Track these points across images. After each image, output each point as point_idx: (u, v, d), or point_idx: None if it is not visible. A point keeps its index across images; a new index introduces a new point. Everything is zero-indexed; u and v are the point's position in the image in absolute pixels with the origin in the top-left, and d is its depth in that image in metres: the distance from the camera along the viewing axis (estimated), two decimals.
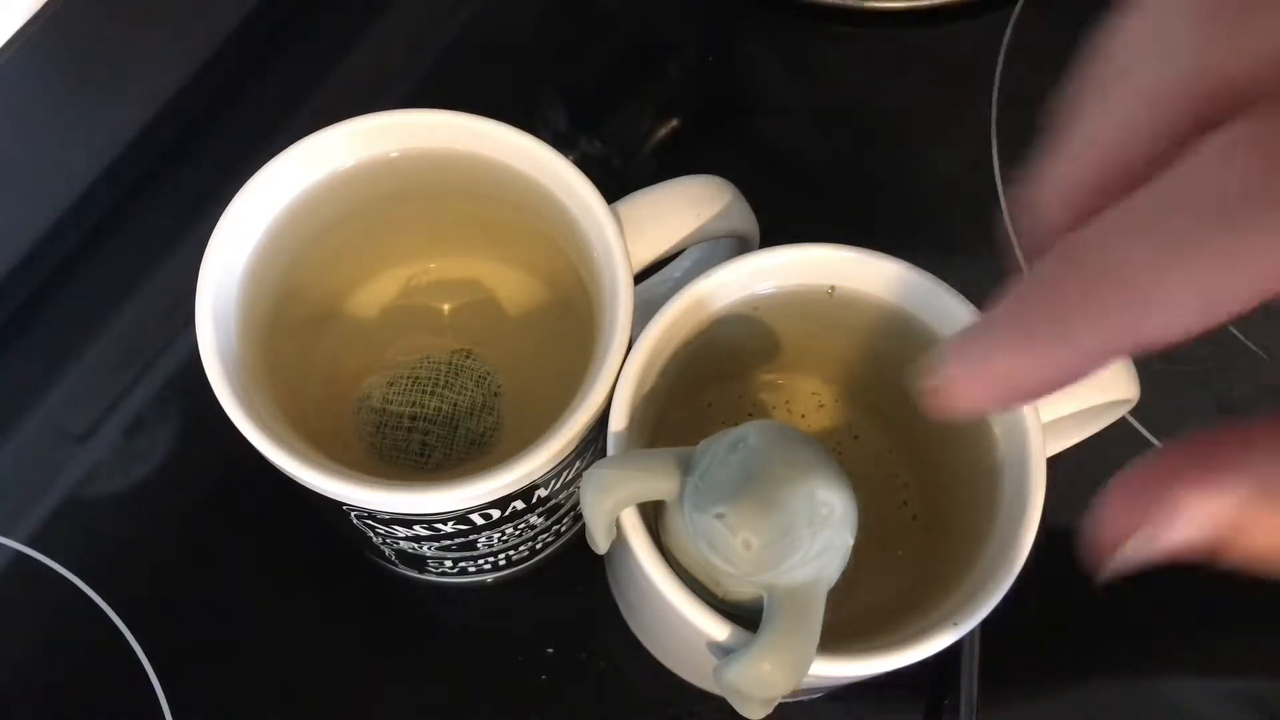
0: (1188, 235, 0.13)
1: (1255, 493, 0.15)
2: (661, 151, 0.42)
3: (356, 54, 0.43)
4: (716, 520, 0.21)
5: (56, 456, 0.36)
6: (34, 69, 0.36)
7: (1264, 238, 0.13)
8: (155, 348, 0.38)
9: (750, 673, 0.22)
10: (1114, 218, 0.14)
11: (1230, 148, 0.13)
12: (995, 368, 0.15)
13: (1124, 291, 0.14)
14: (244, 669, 0.34)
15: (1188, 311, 0.13)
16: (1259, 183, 0.13)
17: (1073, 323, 0.14)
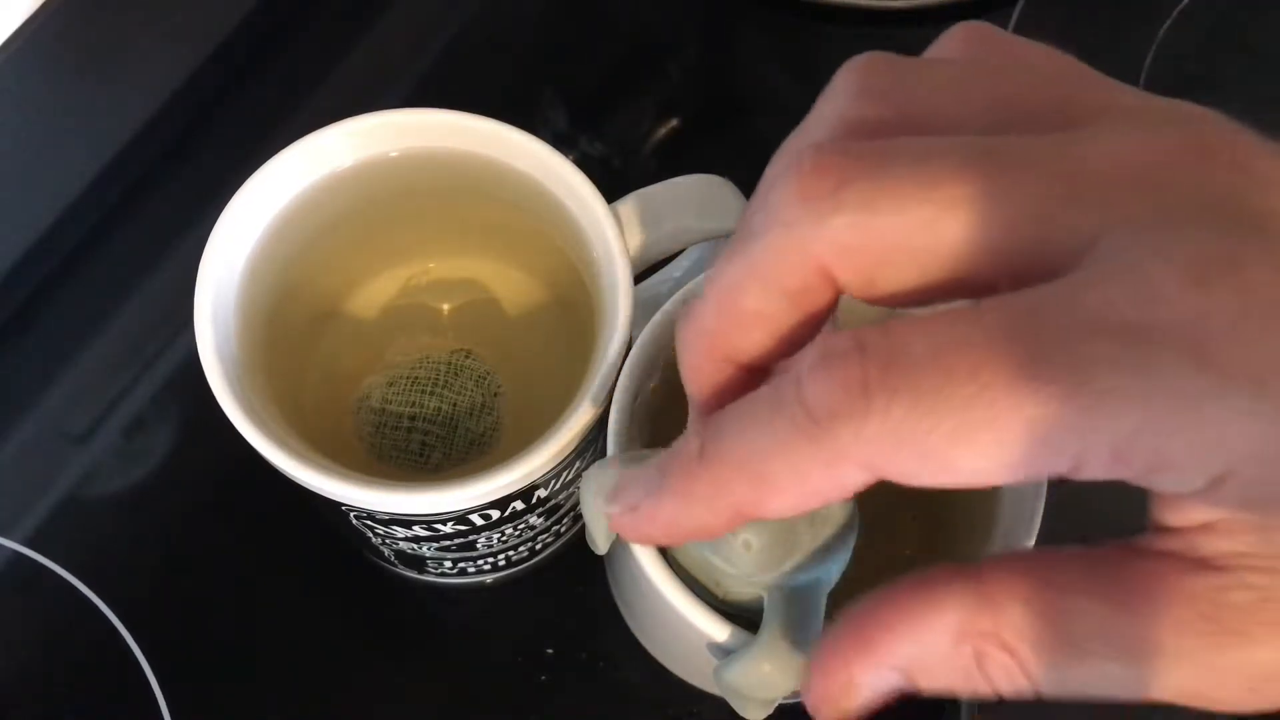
0: (786, 441, 0.16)
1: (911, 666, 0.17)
2: (661, 151, 0.42)
3: (356, 54, 0.43)
4: (743, 552, 0.21)
5: (56, 457, 0.36)
6: (34, 68, 0.36)
7: (839, 446, 0.16)
8: (154, 348, 0.37)
9: (751, 673, 0.22)
10: (743, 410, 0.17)
11: (826, 360, 0.16)
12: (657, 515, 0.18)
13: (742, 477, 0.17)
14: (242, 669, 0.34)
15: (793, 496, 0.17)
16: (838, 400, 0.15)
17: (711, 492, 0.17)
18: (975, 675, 0.17)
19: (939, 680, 0.17)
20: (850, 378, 0.15)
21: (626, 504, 0.19)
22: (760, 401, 0.17)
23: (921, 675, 0.17)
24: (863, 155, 0.17)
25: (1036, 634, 0.16)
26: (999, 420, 0.15)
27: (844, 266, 0.17)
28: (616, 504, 0.19)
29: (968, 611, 0.17)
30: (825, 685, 0.18)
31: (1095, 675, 0.16)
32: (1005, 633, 0.16)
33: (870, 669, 0.18)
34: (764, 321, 0.18)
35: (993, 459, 0.15)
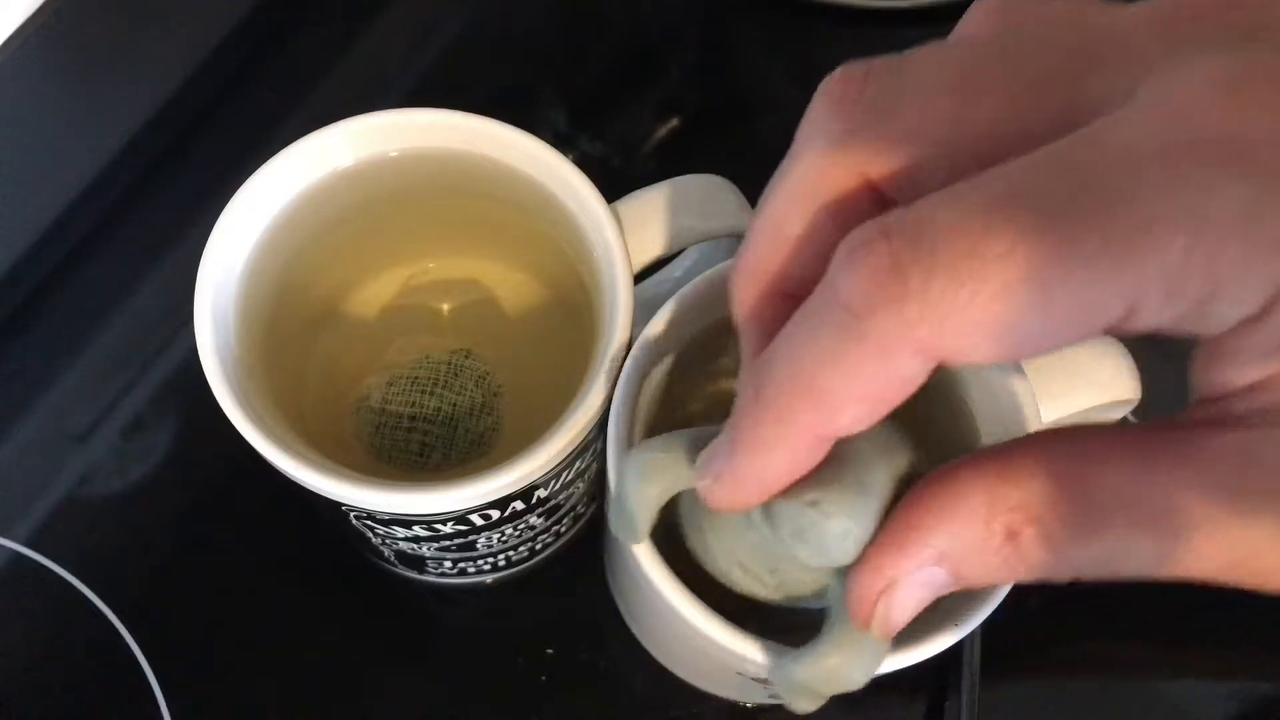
0: (834, 346, 0.16)
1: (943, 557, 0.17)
2: (661, 151, 0.42)
3: (356, 54, 0.43)
4: (809, 508, 0.19)
5: (55, 456, 0.36)
6: (33, 68, 0.36)
7: (886, 336, 0.15)
8: (154, 348, 0.37)
9: (819, 667, 0.21)
10: (787, 333, 0.17)
11: (852, 254, 0.15)
12: (740, 473, 0.18)
13: (803, 396, 0.16)
14: (242, 669, 0.34)
15: (856, 403, 0.16)
16: (874, 289, 0.15)
17: (780, 429, 0.17)
18: (1010, 556, 0.16)
19: (978, 568, 0.17)
20: (880, 264, 0.15)
21: (710, 475, 0.19)
22: (800, 320, 0.16)
23: (962, 565, 0.17)
24: (886, 66, 0.17)
25: (1062, 505, 0.16)
26: (1042, 272, 0.14)
27: (880, 167, 0.16)
28: (703, 478, 0.19)
29: (995, 490, 0.16)
30: (867, 588, 0.18)
31: (1122, 548, 0.16)
32: (1033, 506, 0.16)
33: (910, 565, 0.17)
34: (810, 244, 0.17)
35: (1043, 315, 0.14)
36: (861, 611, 0.19)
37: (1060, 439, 0.17)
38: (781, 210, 0.18)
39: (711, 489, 0.19)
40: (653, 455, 0.22)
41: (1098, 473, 0.16)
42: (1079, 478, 0.16)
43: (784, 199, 0.18)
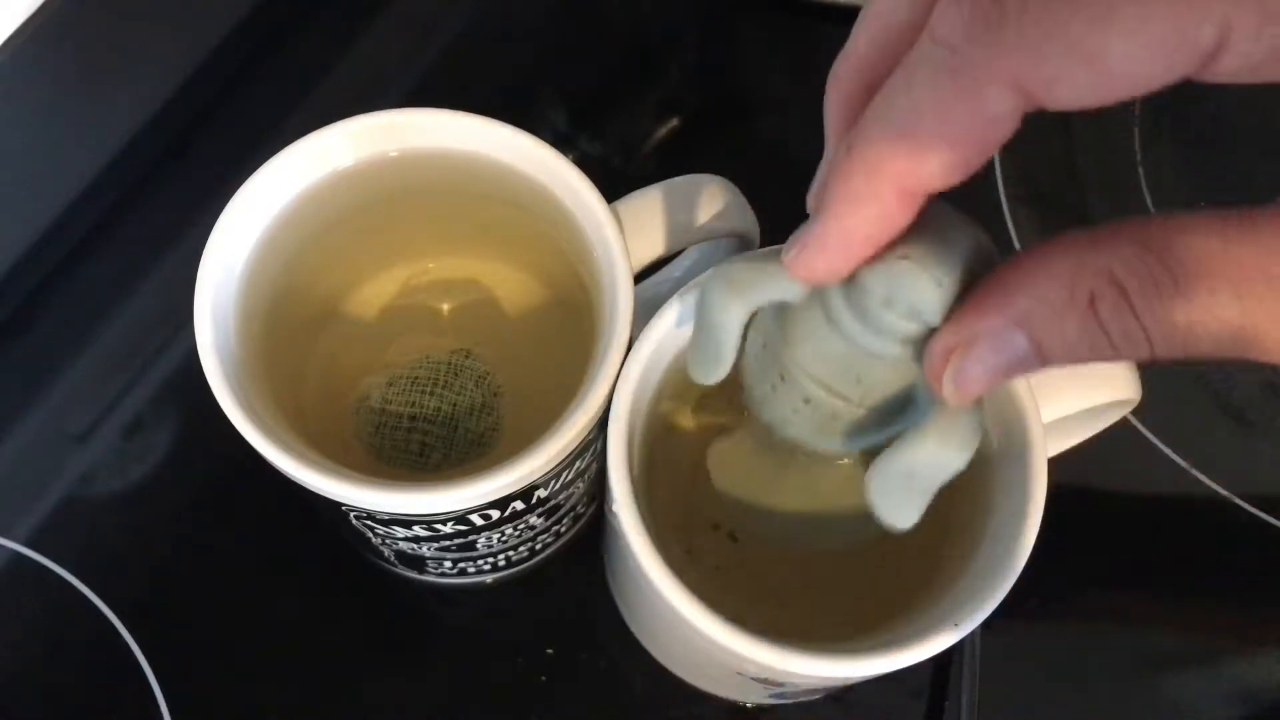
0: (925, 88, 0.16)
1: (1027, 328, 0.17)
2: (661, 151, 0.42)
3: (356, 54, 0.43)
4: (902, 260, 0.19)
5: (55, 457, 0.36)
6: (33, 68, 0.36)
7: (981, 66, 0.15)
8: (154, 348, 0.37)
9: (919, 452, 0.21)
10: (883, 90, 0.17)
11: (944, 3, 0.16)
12: (829, 235, 0.18)
13: (893, 146, 0.17)
14: (242, 669, 0.34)
15: (948, 144, 0.16)
16: (971, 24, 0.15)
17: (870, 182, 0.17)
18: (1090, 325, 0.16)
19: (1057, 336, 0.17)
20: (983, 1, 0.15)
21: (799, 245, 0.19)
22: (897, 73, 0.17)
23: (1042, 331, 0.17)
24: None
25: (1145, 269, 0.16)
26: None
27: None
28: (790, 249, 0.19)
29: (1082, 256, 0.16)
30: (944, 343, 0.18)
31: (1203, 313, 0.16)
32: (1116, 269, 0.16)
33: (989, 323, 0.17)
34: (917, 32, 0.17)
35: (1139, 39, 0.14)
36: (936, 366, 0.19)
37: (1145, 218, 0.17)
38: (887, 4, 0.18)
39: (799, 257, 0.19)
40: (738, 266, 0.22)
41: (1183, 241, 0.16)
42: (1164, 245, 0.16)
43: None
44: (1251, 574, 0.37)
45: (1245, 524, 0.37)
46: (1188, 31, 0.14)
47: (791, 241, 0.19)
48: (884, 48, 0.18)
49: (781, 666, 0.23)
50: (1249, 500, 0.37)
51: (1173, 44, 0.14)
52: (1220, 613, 0.36)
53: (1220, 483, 0.37)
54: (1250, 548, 0.37)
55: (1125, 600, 0.36)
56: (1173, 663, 0.35)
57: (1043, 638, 0.35)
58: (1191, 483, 0.37)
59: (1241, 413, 0.38)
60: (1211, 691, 0.35)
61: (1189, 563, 0.37)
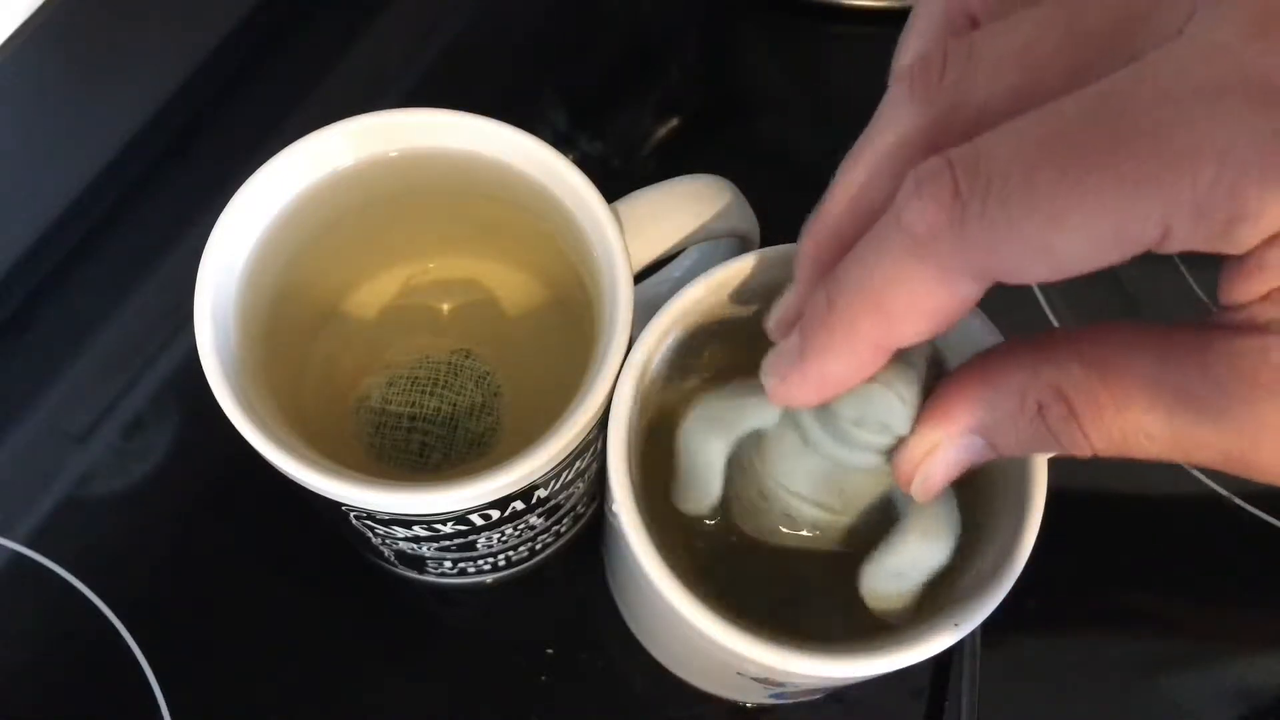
0: (898, 267, 0.18)
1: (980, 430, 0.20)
2: (661, 151, 0.42)
3: (356, 54, 0.43)
4: (870, 385, 0.21)
5: (55, 456, 0.36)
6: (33, 68, 0.36)
7: (945, 257, 0.17)
8: (154, 348, 0.37)
9: (904, 553, 0.23)
10: (857, 254, 0.19)
11: (919, 181, 0.17)
12: (807, 373, 0.20)
13: (870, 311, 0.18)
14: (242, 669, 0.34)
15: (916, 318, 0.18)
16: (934, 217, 0.17)
17: (848, 339, 0.19)
18: (1039, 429, 0.19)
19: (1011, 439, 0.19)
20: (943, 192, 0.17)
21: (777, 375, 0.21)
22: (870, 241, 0.18)
23: (997, 434, 0.20)
24: (956, 50, 0.19)
25: (1089, 384, 0.18)
26: (1086, 199, 0.16)
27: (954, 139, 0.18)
28: (770, 377, 0.21)
29: (1032, 370, 0.19)
30: (915, 449, 0.21)
31: (1139, 429, 0.17)
32: (1063, 385, 0.18)
33: (954, 430, 0.20)
34: (881, 196, 0.19)
35: (1087, 237, 0.16)
36: (906, 473, 0.21)
37: (1090, 331, 0.18)
38: (858, 172, 0.20)
39: (780, 389, 0.21)
40: (716, 406, 0.24)
41: (1124, 358, 0.18)
42: (1106, 362, 0.18)
43: (861, 165, 0.20)
44: (1251, 574, 0.37)
45: (1245, 524, 0.37)
46: (1130, 230, 0.16)
47: (770, 370, 0.21)
48: (858, 213, 0.20)
49: (781, 666, 0.23)
50: (1249, 500, 0.37)
51: (1118, 240, 0.16)
52: (1220, 613, 0.36)
53: (1220, 483, 0.37)
54: (1250, 548, 0.37)
55: (1125, 600, 0.36)
56: (1173, 663, 0.35)
57: (1043, 638, 0.35)
58: (1191, 483, 0.37)
59: None
60: (1211, 691, 0.35)
61: (1189, 563, 0.37)
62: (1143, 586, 0.37)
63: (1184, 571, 0.37)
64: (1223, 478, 0.37)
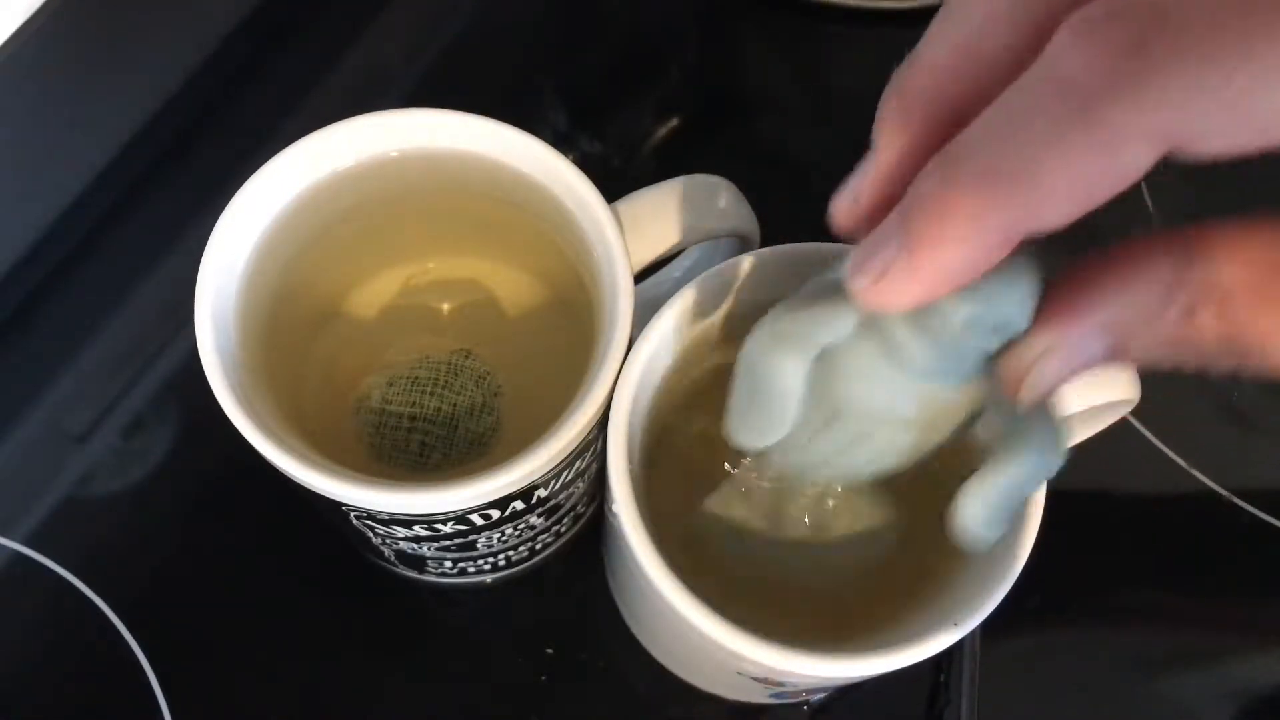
0: (1054, 131, 0.14)
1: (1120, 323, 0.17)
2: (661, 151, 0.42)
3: (356, 54, 0.43)
4: (992, 276, 0.17)
5: (55, 456, 0.36)
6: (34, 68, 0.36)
7: (1120, 120, 0.14)
8: (154, 348, 0.37)
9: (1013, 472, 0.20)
10: (988, 120, 0.15)
11: (1082, 30, 0.14)
12: (918, 266, 0.16)
13: (1010, 189, 0.15)
14: (242, 669, 0.34)
15: (1071, 198, 0.15)
16: (1108, 68, 0.14)
17: (974, 222, 0.15)
18: (1182, 334, 0.16)
19: (1147, 341, 0.16)
20: (1118, 34, 0.14)
21: (871, 273, 0.17)
22: (1011, 101, 0.15)
23: (1130, 336, 0.16)
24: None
25: (1252, 284, 0.15)
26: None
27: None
28: (861, 276, 0.17)
29: (1182, 265, 0.16)
30: (1029, 347, 0.17)
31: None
32: (1223, 281, 0.15)
33: (1077, 329, 0.17)
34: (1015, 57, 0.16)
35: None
36: (1015, 377, 0.18)
37: (1254, 225, 0.16)
38: (968, 15, 0.16)
39: (874, 287, 0.17)
40: (779, 322, 0.21)
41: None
42: (1270, 259, 0.15)
43: (971, 7, 0.16)
44: (1251, 574, 0.37)
45: (1245, 524, 0.37)
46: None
47: (862, 268, 0.17)
48: (970, 64, 0.17)
49: (781, 666, 0.23)
50: (1249, 500, 0.37)
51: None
52: (1220, 613, 0.36)
53: (1220, 483, 0.37)
54: (1250, 548, 0.37)
55: (1125, 600, 0.36)
56: (1173, 663, 0.35)
57: (1043, 638, 0.35)
58: (1191, 483, 0.37)
59: (1241, 413, 0.38)
60: (1211, 691, 0.35)
61: (1189, 563, 0.37)
62: (1142, 586, 0.37)
63: (1183, 571, 0.37)
64: (1223, 477, 0.37)
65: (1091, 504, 0.36)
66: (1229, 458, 0.37)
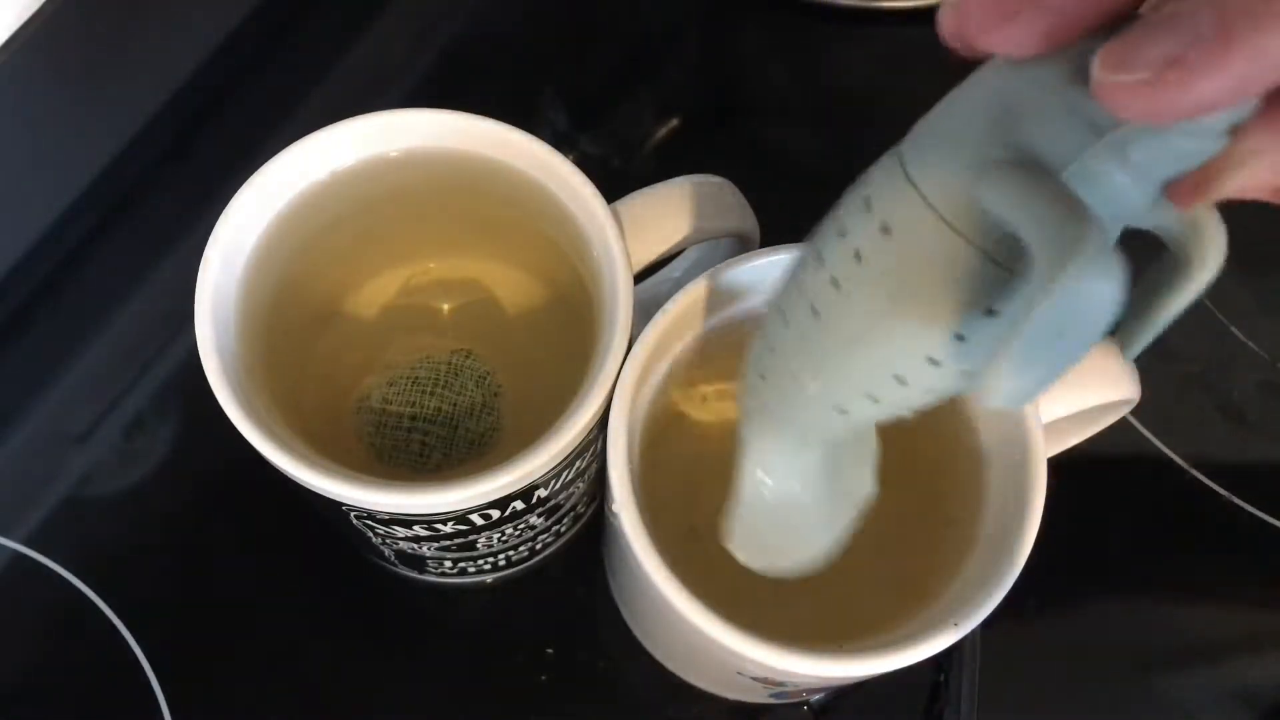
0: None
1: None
2: (661, 151, 0.42)
3: (356, 54, 0.43)
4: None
5: (56, 456, 0.36)
6: (33, 69, 0.36)
7: None
8: (154, 348, 0.37)
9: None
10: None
11: None
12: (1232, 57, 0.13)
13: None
14: (243, 669, 0.34)
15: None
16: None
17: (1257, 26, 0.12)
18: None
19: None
20: None
21: (1153, 65, 0.13)
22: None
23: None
24: None
25: None
26: None
27: None
28: (1129, 70, 0.13)
29: None
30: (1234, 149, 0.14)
31: None
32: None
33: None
34: None
35: None
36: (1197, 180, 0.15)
37: None
38: None
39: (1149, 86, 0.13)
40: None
41: None
42: None
43: None
44: (1251, 574, 0.37)
45: (1245, 524, 0.37)
46: None
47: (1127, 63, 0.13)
48: None
49: (781, 666, 0.23)
50: (1249, 500, 0.37)
51: None
52: (1220, 613, 0.36)
53: (1220, 483, 0.37)
54: (1250, 548, 0.37)
55: (1125, 600, 0.36)
56: (1173, 663, 0.35)
57: (1043, 637, 0.35)
58: (1191, 482, 0.37)
59: (1241, 413, 0.38)
60: (1211, 691, 0.35)
61: (1189, 563, 0.37)
62: (1142, 586, 0.36)
63: (1184, 571, 0.37)
64: (1225, 479, 0.37)
65: (1091, 504, 0.36)
66: (1229, 458, 0.37)
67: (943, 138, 0.17)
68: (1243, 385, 0.39)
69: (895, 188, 0.17)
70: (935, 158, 0.17)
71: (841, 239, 0.18)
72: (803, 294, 0.19)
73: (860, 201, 0.18)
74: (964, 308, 0.17)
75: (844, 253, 0.18)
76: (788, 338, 0.19)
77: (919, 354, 0.18)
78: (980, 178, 0.16)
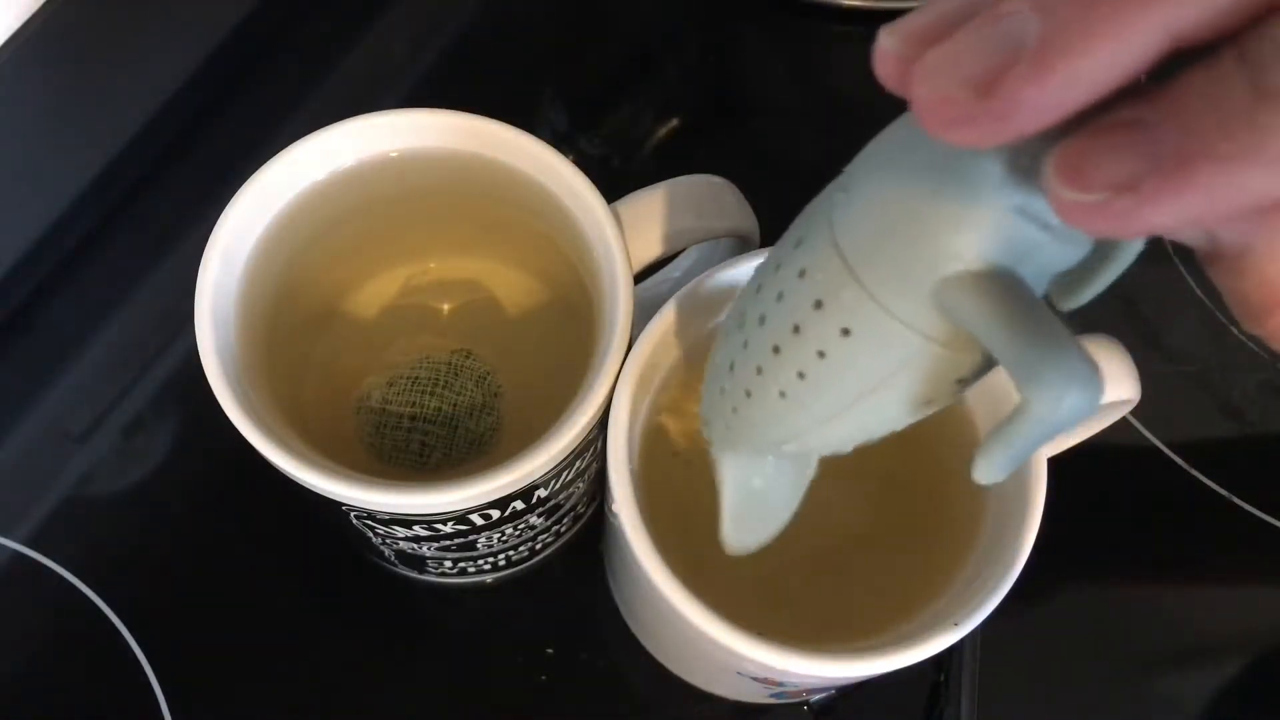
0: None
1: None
2: (661, 151, 0.42)
3: (356, 54, 0.43)
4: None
5: (56, 456, 0.36)
6: (34, 68, 0.36)
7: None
8: (154, 348, 0.37)
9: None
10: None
11: None
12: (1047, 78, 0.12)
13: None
14: (243, 669, 0.34)
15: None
16: None
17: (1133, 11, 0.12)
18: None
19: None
20: None
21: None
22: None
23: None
24: None
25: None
26: None
27: None
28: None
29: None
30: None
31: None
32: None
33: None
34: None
35: None
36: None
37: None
38: None
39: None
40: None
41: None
42: None
43: None
44: (1252, 574, 0.37)
45: (1245, 524, 0.37)
46: None
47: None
48: None
49: (781, 666, 0.23)
50: (1249, 500, 0.37)
51: None
52: (1220, 613, 0.36)
53: (1220, 483, 0.37)
54: (1250, 548, 0.37)
55: (1125, 600, 0.36)
56: (1173, 662, 0.35)
57: (1043, 637, 0.35)
58: (1191, 483, 0.37)
59: (1241, 413, 0.38)
60: (1211, 691, 0.35)
61: (1189, 563, 0.37)
62: (1142, 585, 0.37)
63: (1183, 570, 0.37)
64: (1225, 478, 0.37)
65: (1091, 504, 0.36)
66: (1229, 458, 0.37)
67: (883, 234, 0.17)
68: (1243, 385, 0.39)
69: (840, 282, 0.17)
70: (884, 262, 0.17)
71: (796, 335, 0.18)
72: (764, 375, 0.19)
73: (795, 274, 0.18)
74: (934, 385, 0.18)
75: (806, 351, 0.18)
76: (753, 404, 0.20)
77: (887, 425, 0.19)
78: (941, 290, 0.16)
